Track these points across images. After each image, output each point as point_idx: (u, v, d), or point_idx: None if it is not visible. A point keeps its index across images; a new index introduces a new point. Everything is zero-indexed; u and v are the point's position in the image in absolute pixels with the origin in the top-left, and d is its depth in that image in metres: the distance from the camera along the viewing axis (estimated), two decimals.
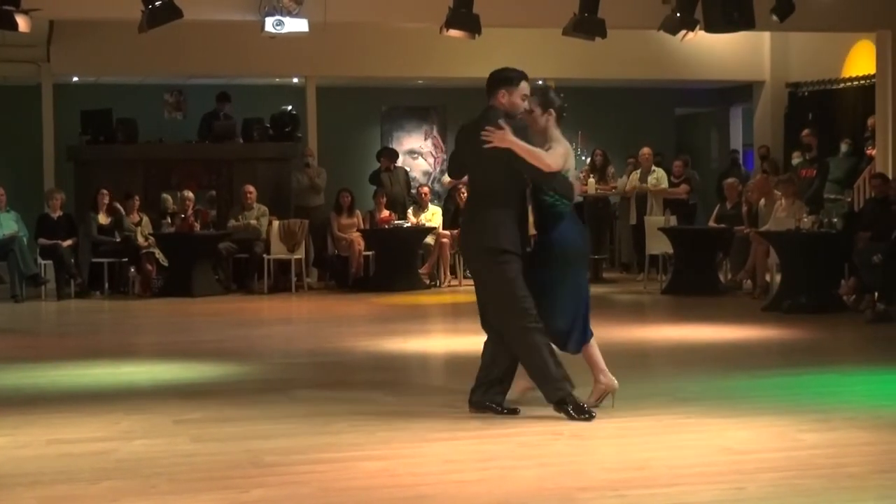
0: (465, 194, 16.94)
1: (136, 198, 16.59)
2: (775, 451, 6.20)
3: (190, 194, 16.63)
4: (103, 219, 16.26)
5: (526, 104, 7.21)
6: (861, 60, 17.82)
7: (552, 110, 7.30)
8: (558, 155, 7.12)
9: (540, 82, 18.54)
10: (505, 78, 7.23)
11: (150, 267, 16.04)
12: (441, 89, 20.14)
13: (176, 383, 8.81)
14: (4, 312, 14.22)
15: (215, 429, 6.98)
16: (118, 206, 16.31)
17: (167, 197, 17.42)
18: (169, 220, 16.63)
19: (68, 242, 15.78)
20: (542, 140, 7.21)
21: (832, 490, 5.43)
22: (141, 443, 6.59)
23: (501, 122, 7.03)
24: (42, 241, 15.77)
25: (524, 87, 7.21)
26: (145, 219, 16.56)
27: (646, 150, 17.58)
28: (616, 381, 7.37)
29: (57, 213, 16.02)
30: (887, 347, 10.67)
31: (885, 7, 15.55)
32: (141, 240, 16.22)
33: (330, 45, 17.29)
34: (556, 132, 7.29)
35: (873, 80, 16.41)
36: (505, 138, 6.97)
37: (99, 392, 8.44)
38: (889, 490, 5.43)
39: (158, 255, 16.10)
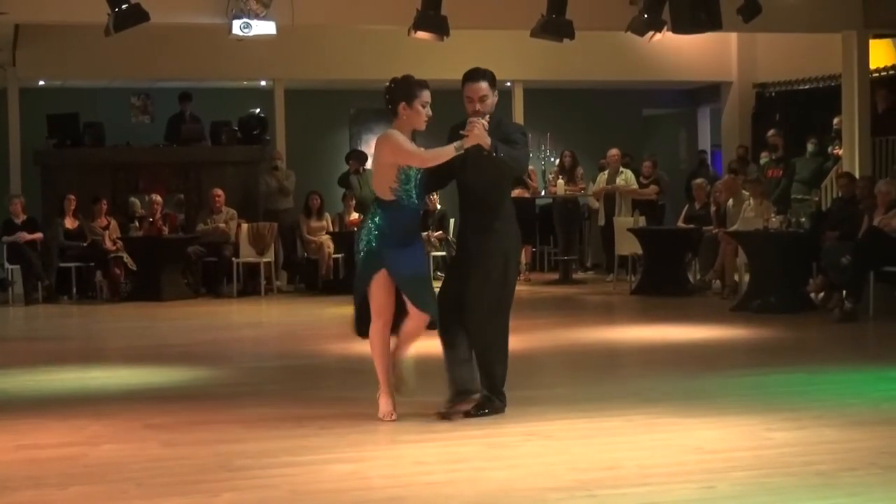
0: (435, 196, 17.04)
1: (104, 202, 16.51)
2: (745, 450, 6.22)
3: (158, 198, 16.57)
4: (70, 223, 16.18)
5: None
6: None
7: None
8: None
9: (508, 84, 18.68)
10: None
11: (118, 271, 15.98)
12: None
13: (145, 387, 8.77)
14: None
15: (185, 433, 6.94)
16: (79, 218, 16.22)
17: (135, 201, 17.37)
18: (137, 224, 16.57)
19: (31, 237, 15.65)
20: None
21: (802, 488, 5.45)
22: (110, 447, 6.55)
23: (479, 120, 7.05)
24: (5, 238, 15.67)
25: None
26: (113, 223, 16.49)
27: (613, 152, 17.64)
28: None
29: (20, 218, 15.92)
30: (855, 346, 10.74)
31: (851, 8, 15.65)
32: (109, 244, 16.14)
33: (298, 48, 17.27)
34: None
35: (839, 81, 16.49)
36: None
37: (67, 397, 8.39)
38: (858, 487, 5.46)
39: (127, 259, 16.03)
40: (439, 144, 7.04)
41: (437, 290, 7.24)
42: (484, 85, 7.11)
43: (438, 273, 16.53)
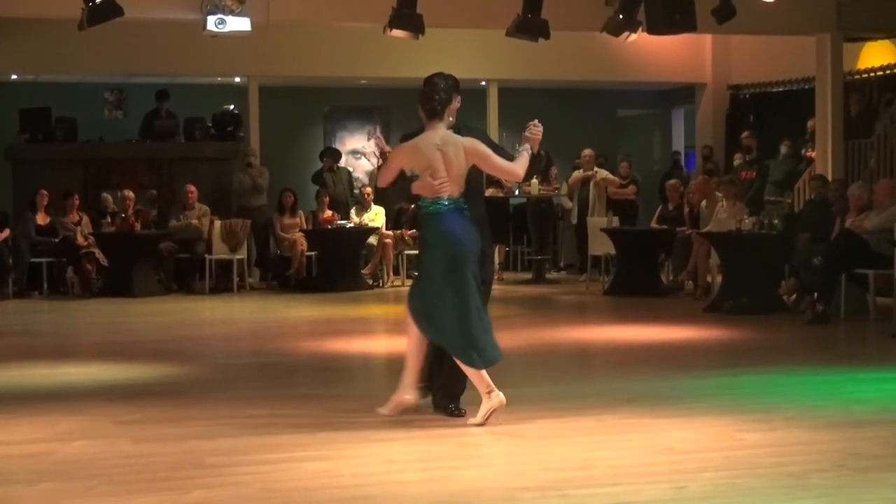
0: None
1: (76, 197, 16.44)
2: (716, 451, 6.25)
3: (130, 194, 16.51)
4: (42, 219, 16.10)
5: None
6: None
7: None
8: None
9: (483, 83, 18.70)
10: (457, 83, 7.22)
11: (89, 267, 15.90)
12: (384, 90, 20.11)
13: (116, 384, 8.74)
14: None
15: (156, 430, 6.93)
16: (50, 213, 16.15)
17: (107, 196, 17.28)
18: (109, 220, 16.49)
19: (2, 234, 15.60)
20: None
21: (772, 489, 5.47)
22: (80, 444, 6.53)
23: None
24: None
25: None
26: (85, 218, 16.41)
27: (587, 152, 17.67)
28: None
29: None
30: (826, 348, 10.79)
31: (825, 10, 15.71)
32: (81, 239, 16.06)
33: (272, 45, 17.22)
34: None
35: (813, 83, 16.56)
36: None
37: (37, 393, 8.35)
38: (827, 489, 5.48)
39: (98, 254, 15.95)
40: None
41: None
42: None
43: (414, 273, 16.53)
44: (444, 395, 7.25)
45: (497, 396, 6.85)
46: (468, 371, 6.89)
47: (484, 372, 6.88)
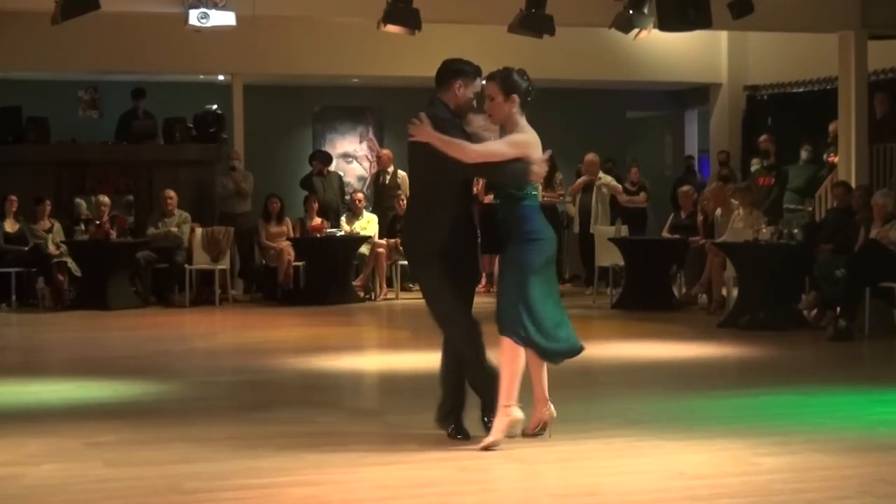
0: (404, 199, 17.05)
1: (48, 203, 16.43)
2: (731, 476, 6.24)
3: (106, 199, 16.49)
4: (10, 226, 16.09)
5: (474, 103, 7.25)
6: None
7: (515, 95, 7.19)
8: (511, 143, 7.05)
9: (483, 82, 18.68)
10: (460, 69, 7.25)
11: (61, 277, 15.89)
12: (378, 89, 20.13)
13: (89, 403, 8.73)
14: None
15: (131, 452, 6.91)
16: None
17: (81, 202, 17.27)
18: (83, 227, 16.47)
19: None
20: (506, 129, 7.17)
21: None
22: (49, 468, 6.51)
23: (422, 115, 7.04)
24: None
25: (478, 84, 7.26)
26: (57, 225, 16.40)
27: (590, 157, 17.58)
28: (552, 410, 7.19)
29: None
30: (849, 366, 10.78)
31: (848, 6, 15.74)
32: (52, 248, 16.06)
33: (258, 40, 17.23)
34: (521, 119, 7.18)
35: (835, 84, 16.58)
36: (424, 131, 6.97)
37: (4, 412, 8.33)
38: None
39: (71, 264, 15.95)
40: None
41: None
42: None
43: (410, 286, 16.54)
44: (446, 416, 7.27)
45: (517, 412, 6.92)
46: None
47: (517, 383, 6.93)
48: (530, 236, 7.03)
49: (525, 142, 7.08)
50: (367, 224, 17.20)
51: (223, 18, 13.43)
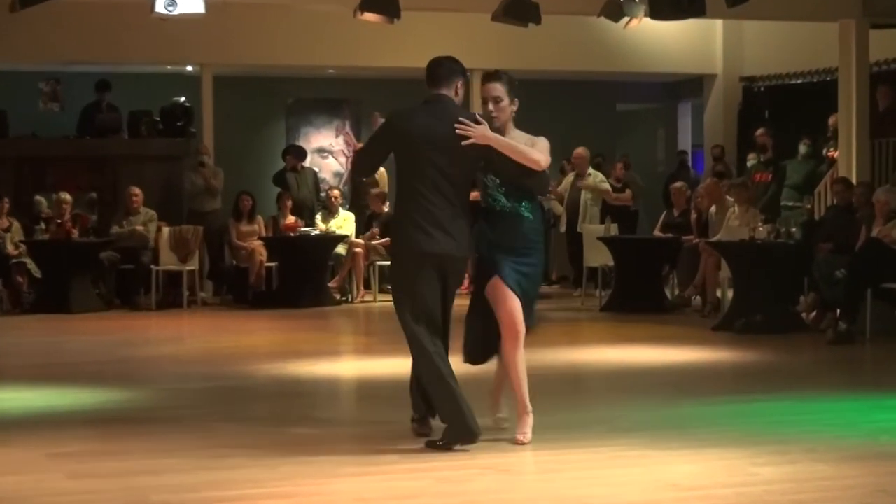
0: (382, 197, 17.06)
1: (6, 200, 16.39)
2: (726, 487, 6.25)
3: (67, 196, 16.46)
4: None
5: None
6: None
7: (517, 100, 7.30)
8: (546, 150, 7.18)
9: (466, 73, 18.68)
10: (461, 69, 7.29)
11: (20, 279, 15.87)
12: (354, 80, 20.13)
13: (49, 411, 8.70)
14: None
15: (94, 463, 6.90)
16: None
17: (41, 199, 17.25)
18: (43, 226, 16.44)
19: None
20: (502, 132, 7.20)
21: None
22: (8, 479, 6.49)
23: (479, 116, 7.11)
24: None
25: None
26: (16, 224, 16.36)
27: (580, 151, 17.55)
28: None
29: None
30: (850, 371, 10.81)
31: None
32: (10, 248, 16.02)
33: (229, 29, 17.22)
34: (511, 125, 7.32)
35: (835, 75, 16.62)
36: (487, 135, 7.02)
37: None
38: None
39: (31, 265, 15.92)
40: None
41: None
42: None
43: (388, 287, 16.49)
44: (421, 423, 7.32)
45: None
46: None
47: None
48: (538, 237, 7.46)
49: (548, 148, 7.23)
50: (344, 222, 17.19)
51: (191, 6, 13.40)
